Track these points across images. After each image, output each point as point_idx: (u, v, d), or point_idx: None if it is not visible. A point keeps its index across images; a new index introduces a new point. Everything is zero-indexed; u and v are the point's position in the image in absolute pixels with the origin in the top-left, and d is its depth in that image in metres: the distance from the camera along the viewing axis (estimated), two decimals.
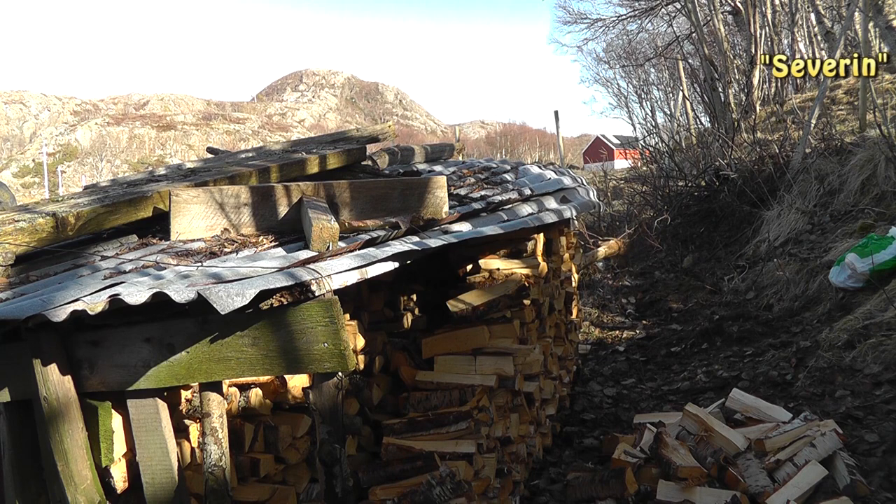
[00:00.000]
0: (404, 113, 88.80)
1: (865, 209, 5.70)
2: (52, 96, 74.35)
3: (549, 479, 3.23)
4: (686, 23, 15.32)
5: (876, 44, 10.67)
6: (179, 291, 1.46)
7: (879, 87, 8.20)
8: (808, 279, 5.20)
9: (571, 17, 17.78)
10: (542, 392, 3.33)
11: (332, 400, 1.62)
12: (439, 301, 3.01)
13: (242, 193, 2.16)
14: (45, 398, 1.61)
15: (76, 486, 1.61)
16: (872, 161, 6.01)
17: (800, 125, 8.44)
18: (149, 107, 74.54)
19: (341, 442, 1.64)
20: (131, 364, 1.66)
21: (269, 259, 1.81)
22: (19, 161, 59.35)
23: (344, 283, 1.67)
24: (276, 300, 1.55)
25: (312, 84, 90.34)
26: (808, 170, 6.82)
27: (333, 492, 1.61)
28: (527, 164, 4.41)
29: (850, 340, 3.94)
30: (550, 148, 41.59)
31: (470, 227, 2.53)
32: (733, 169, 8.21)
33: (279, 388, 2.13)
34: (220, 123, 68.97)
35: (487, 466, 2.66)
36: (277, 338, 1.59)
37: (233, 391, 2.06)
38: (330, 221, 1.94)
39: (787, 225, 6.43)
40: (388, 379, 2.94)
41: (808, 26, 13.26)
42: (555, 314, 3.85)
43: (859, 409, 3.25)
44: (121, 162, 58.42)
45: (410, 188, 2.39)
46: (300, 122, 74.70)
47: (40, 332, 1.61)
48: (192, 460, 1.88)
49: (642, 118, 23.22)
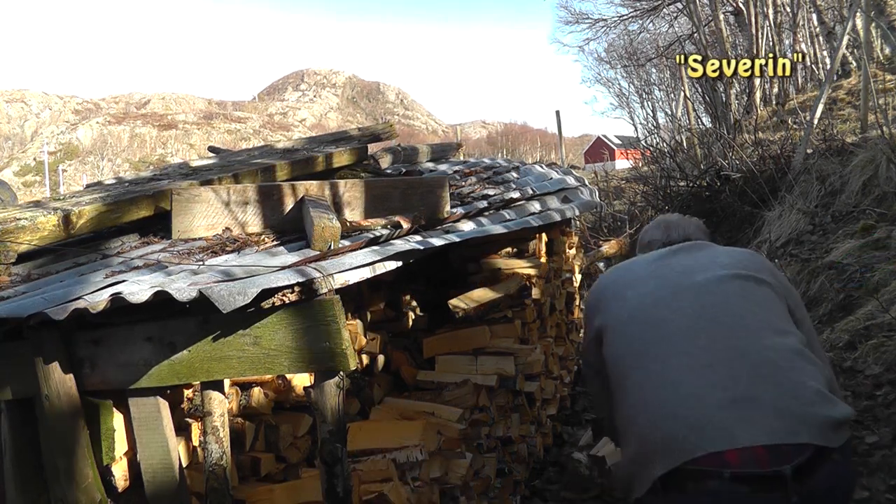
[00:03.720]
0: (405, 113, 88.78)
1: (867, 210, 5.69)
2: (54, 95, 74.40)
3: (548, 479, 3.23)
4: (687, 23, 15.32)
5: (877, 44, 10.67)
6: (181, 290, 1.46)
7: (881, 88, 8.19)
8: (810, 280, 5.20)
9: (573, 17, 17.81)
10: (542, 392, 3.33)
11: (334, 399, 1.62)
12: (440, 301, 3.01)
13: (248, 191, 2.16)
14: (46, 396, 1.61)
15: (77, 484, 1.61)
16: (874, 162, 6.00)
17: (801, 125, 8.44)
18: (150, 106, 74.58)
19: (342, 441, 1.64)
20: (132, 363, 1.66)
21: (271, 258, 1.81)
22: (20, 160, 59.41)
23: (345, 282, 1.67)
24: (278, 299, 1.55)
25: (314, 84, 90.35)
26: (810, 170, 6.81)
27: (334, 491, 1.61)
28: (529, 164, 4.41)
29: (852, 341, 3.94)
30: (552, 148, 41.60)
31: (472, 227, 2.53)
32: (734, 169, 8.21)
33: (281, 387, 2.13)
34: (222, 123, 68.98)
35: (488, 466, 2.66)
36: (279, 337, 1.59)
37: (233, 390, 2.06)
38: (332, 220, 1.93)
39: (789, 225, 6.43)
40: (388, 378, 2.94)
41: (810, 26, 13.25)
42: (556, 314, 3.85)
43: (860, 410, 3.25)
44: (122, 161, 58.44)
45: (413, 187, 2.39)
46: (301, 121, 74.71)
47: (42, 331, 1.61)
48: (193, 459, 1.88)
49: (643, 118, 23.24)
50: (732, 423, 1.37)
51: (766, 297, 1.65)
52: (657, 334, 1.59)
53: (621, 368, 1.64)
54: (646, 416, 1.49)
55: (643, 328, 1.63)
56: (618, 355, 1.67)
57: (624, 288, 1.78)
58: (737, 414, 1.38)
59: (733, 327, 1.54)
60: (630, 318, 1.68)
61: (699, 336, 1.53)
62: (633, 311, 1.69)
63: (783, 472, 1.32)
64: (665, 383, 1.49)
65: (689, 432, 1.39)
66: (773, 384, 1.42)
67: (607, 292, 1.84)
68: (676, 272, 1.73)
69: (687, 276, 1.70)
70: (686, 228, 2.00)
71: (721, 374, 1.45)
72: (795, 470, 1.33)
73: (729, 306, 1.59)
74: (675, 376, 1.49)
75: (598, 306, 1.84)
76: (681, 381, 1.47)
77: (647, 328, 1.62)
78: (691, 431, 1.38)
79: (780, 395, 1.40)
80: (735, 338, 1.51)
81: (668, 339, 1.56)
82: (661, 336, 1.58)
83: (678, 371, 1.49)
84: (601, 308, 1.81)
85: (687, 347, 1.52)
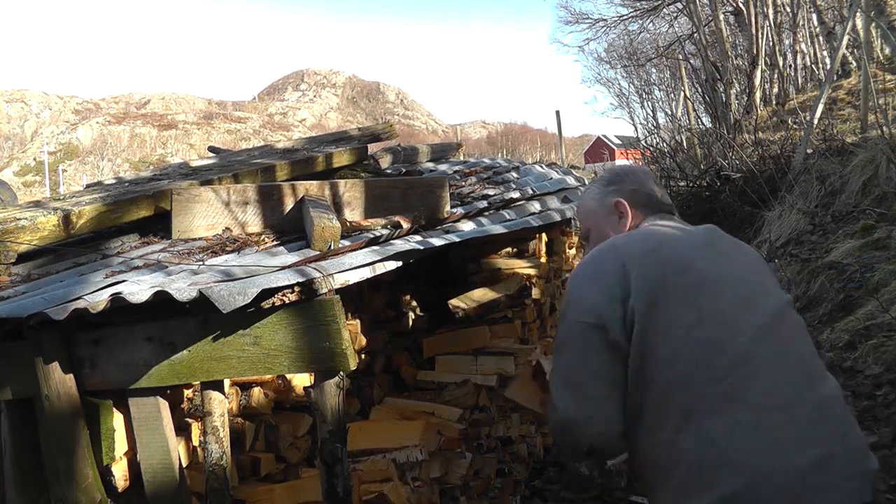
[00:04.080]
0: (405, 112, 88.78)
1: (867, 210, 5.69)
2: (54, 95, 74.38)
3: (548, 479, 3.23)
4: (687, 23, 15.32)
5: (877, 44, 10.67)
6: (181, 290, 1.46)
7: (881, 88, 8.19)
8: (810, 280, 5.20)
9: (573, 17, 17.82)
10: None
11: (334, 399, 1.62)
12: (440, 301, 3.01)
13: (248, 191, 2.16)
14: (46, 396, 1.61)
15: (77, 484, 1.61)
16: (874, 162, 6.00)
17: (801, 125, 8.44)
18: (150, 106, 74.57)
19: (342, 441, 1.64)
20: (132, 363, 1.66)
21: (271, 258, 1.81)
22: (20, 160, 59.39)
23: (345, 282, 1.67)
24: (278, 299, 1.55)
25: (314, 84, 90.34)
26: (810, 170, 6.81)
27: (334, 491, 1.61)
28: (529, 164, 4.41)
29: (852, 341, 3.95)
30: (552, 148, 41.61)
31: (472, 227, 2.53)
32: (734, 169, 8.21)
33: (281, 387, 2.13)
34: (222, 123, 68.96)
35: (488, 466, 2.66)
36: (279, 337, 1.59)
37: (233, 390, 2.06)
38: (332, 220, 1.93)
39: (789, 225, 6.43)
40: (389, 378, 2.94)
41: (810, 26, 13.25)
42: (556, 314, 3.85)
43: (860, 411, 3.25)
44: (122, 161, 58.41)
45: (413, 187, 2.39)
46: (301, 121, 74.70)
47: (42, 331, 1.61)
48: (193, 459, 1.88)
49: (643, 118, 23.23)
50: (823, 489, 1.22)
51: (804, 329, 1.42)
52: (746, 370, 1.28)
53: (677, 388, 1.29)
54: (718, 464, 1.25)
55: (725, 359, 1.29)
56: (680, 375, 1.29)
57: (692, 284, 1.35)
58: (827, 478, 1.23)
59: (809, 373, 1.33)
60: (705, 340, 1.30)
61: (785, 388, 1.29)
62: (709, 329, 1.31)
63: None
64: (752, 433, 1.25)
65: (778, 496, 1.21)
66: (844, 438, 1.28)
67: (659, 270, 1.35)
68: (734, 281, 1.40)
69: (751, 301, 1.38)
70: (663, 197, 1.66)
71: (808, 429, 1.26)
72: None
73: (800, 346, 1.37)
74: (766, 425, 1.26)
75: (629, 278, 1.34)
76: (770, 432, 1.25)
77: (732, 361, 1.29)
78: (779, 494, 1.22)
79: (851, 451, 1.27)
80: (812, 387, 1.31)
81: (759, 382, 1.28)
82: (750, 373, 1.28)
83: (769, 421, 1.26)
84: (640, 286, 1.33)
85: (776, 401, 1.28)
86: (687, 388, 1.29)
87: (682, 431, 1.28)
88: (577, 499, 3.02)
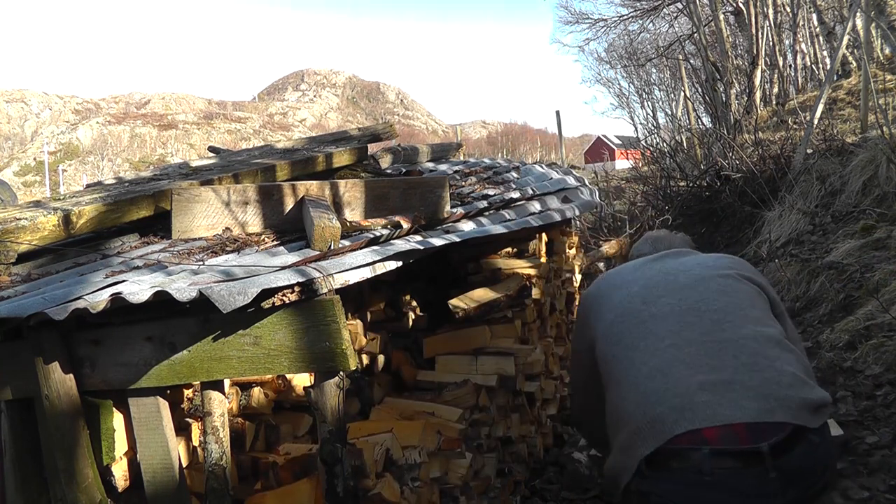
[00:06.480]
0: (405, 112, 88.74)
1: (867, 210, 5.69)
2: (54, 95, 74.34)
3: (548, 479, 3.23)
4: (687, 23, 15.32)
5: (877, 44, 10.67)
6: (181, 290, 1.46)
7: (881, 88, 8.19)
8: (810, 280, 5.19)
9: (573, 17, 17.80)
10: (543, 392, 3.33)
11: (334, 399, 1.62)
12: (441, 301, 3.01)
13: (248, 191, 2.16)
14: (46, 396, 1.61)
15: (77, 484, 1.61)
16: (874, 162, 5.99)
17: (801, 125, 8.44)
18: (150, 106, 74.53)
19: (342, 441, 1.64)
20: (133, 363, 1.66)
21: (271, 258, 1.81)
22: (20, 159, 59.35)
23: (346, 282, 1.67)
24: (279, 299, 1.55)
25: (314, 84, 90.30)
26: (810, 170, 6.81)
27: (335, 491, 1.61)
28: (529, 164, 4.41)
29: (852, 341, 3.94)
30: (552, 148, 41.58)
31: (473, 226, 2.53)
32: (734, 169, 8.20)
33: (281, 387, 2.13)
34: (222, 123, 68.93)
35: (488, 466, 2.66)
36: (279, 337, 1.59)
37: (233, 390, 2.06)
38: (332, 220, 1.93)
39: (789, 225, 6.42)
40: (389, 378, 2.93)
41: (810, 26, 13.25)
42: (556, 314, 3.84)
43: (860, 411, 3.25)
44: (122, 161, 58.38)
45: (413, 187, 2.39)
46: (301, 121, 74.67)
47: (42, 331, 1.61)
48: (193, 459, 1.88)
49: (643, 118, 23.22)
50: (713, 403, 1.46)
51: (748, 293, 1.77)
52: (644, 330, 1.68)
53: (612, 366, 1.71)
54: (635, 405, 1.57)
55: (631, 326, 1.73)
56: (609, 354, 1.74)
57: (611, 292, 1.88)
58: (718, 395, 1.47)
59: (717, 320, 1.64)
60: (618, 319, 1.77)
61: (684, 329, 1.63)
62: (620, 311, 1.78)
63: (761, 448, 1.40)
64: (653, 373, 1.58)
65: (672, 413, 1.48)
66: (754, 369, 1.52)
67: (596, 301, 1.92)
68: (662, 273, 1.84)
69: (672, 276, 1.81)
70: (672, 242, 2.13)
71: (705, 361, 1.55)
72: (773, 447, 1.41)
73: (712, 301, 1.69)
74: (663, 366, 1.58)
75: (588, 316, 1.91)
76: (668, 370, 1.56)
77: (635, 325, 1.72)
78: (674, 412, 1.48)
79: (759, 379, 1.50)
80: (719, 330, 1.61)
81: (654, 334, 1.66)
82: (648, 331, 1.68)
83: (666, 361, 1.58)
84: (591, 318, 1.89)
85: (674, 340, 1.62)
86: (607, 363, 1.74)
87: (609, 388, 1.70)
88: (577, 499, 3.02)
